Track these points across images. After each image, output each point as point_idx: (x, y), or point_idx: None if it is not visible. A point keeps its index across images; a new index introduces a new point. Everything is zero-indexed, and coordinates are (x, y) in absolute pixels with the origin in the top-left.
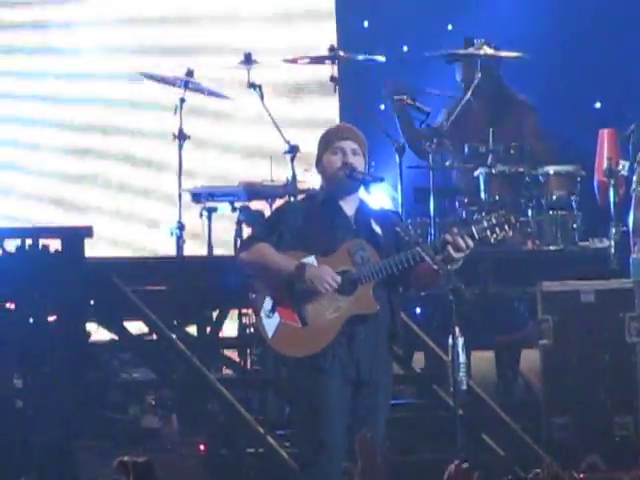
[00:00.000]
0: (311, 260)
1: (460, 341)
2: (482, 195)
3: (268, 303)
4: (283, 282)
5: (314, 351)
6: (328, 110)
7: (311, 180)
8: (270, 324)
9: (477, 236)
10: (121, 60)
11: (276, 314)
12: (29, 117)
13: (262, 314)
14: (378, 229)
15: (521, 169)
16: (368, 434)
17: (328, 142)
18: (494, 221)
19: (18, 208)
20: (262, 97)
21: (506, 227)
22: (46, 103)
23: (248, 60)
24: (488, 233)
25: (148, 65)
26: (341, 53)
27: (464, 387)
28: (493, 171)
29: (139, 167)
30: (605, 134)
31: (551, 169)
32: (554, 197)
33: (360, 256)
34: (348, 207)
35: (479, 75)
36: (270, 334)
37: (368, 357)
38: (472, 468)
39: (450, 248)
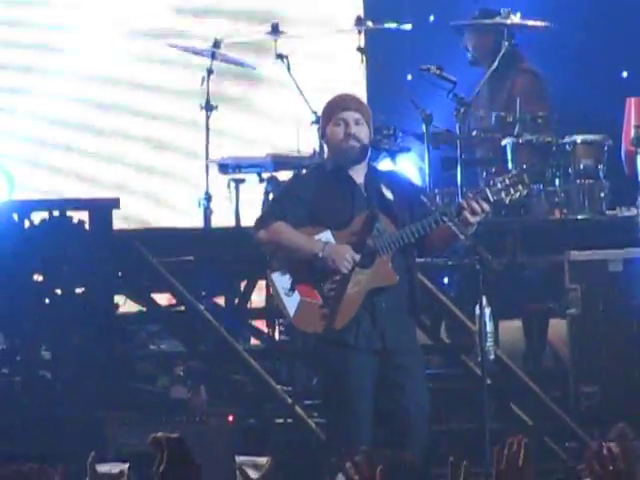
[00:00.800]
0: (327, 235)
1: (487, 311)
2: (509, 165)
3: (287, 281)
4: (302, 260)
5: (338, 326)
6: (355, 80)
7: None
8: (291, 302)
9: (492, 198)
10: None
11: (296, 292)
12: (55, 93)
13: (281, 292)
14: (389, 194)
15: (548, 138)
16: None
17: (331, 113)
18: (507, 182)
19: (46, 183)
20: (289, 68)
21: (520, 187)
22: (71, 79)
23: (275, 30)
24: (503, 195)
25: (175, 31)
26: (368, 23)
27: (492, 357)
28: (520, 140)
29: (165, 145)
30: (632, 103)
31: (578, 138)
32: (581, 166)
33: (376, 228)
34: (357, 175)
35: (506, 44)
36: (291, 312)
37: (392, 326)
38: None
39: (466, 212)
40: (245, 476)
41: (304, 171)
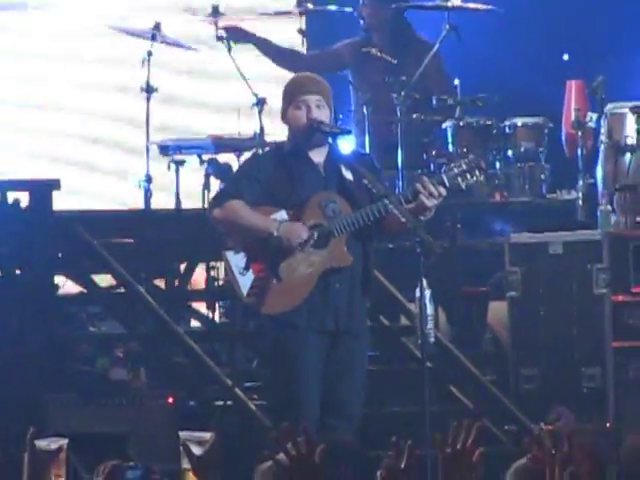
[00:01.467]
0: (282, 215)
1: (427, 293)
2: (450, 147)
3: (242, 260)
4: (257, 239)
5: (290, 307)
6: None
7: (278, 133)
8: (244, 281)
9: (448, 183)
10: (87, 14)
11: (250, 271)
12: None
13: (236, 271)
14: (349, 175)
15: (489, 121)
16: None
17: (292, 96)
18: (464, 167)
19: None
20: (230, 49)
21: (477, 172)
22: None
23: (215, 12)
24: (459, 180)
25: (114, 19)
26: (309, 5)
27: (432, 340)
28: (461, 123)
29: (107, 121)
30: (573, 86)
31: (519, 121)
32: (522, 149)
33: (331, 209)
34: (317, 156)
35: (447, 26)
36: (245, 291)
37: (344, 306)
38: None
39: (422, 197)
40: (189, 452)
41: (261, 151)
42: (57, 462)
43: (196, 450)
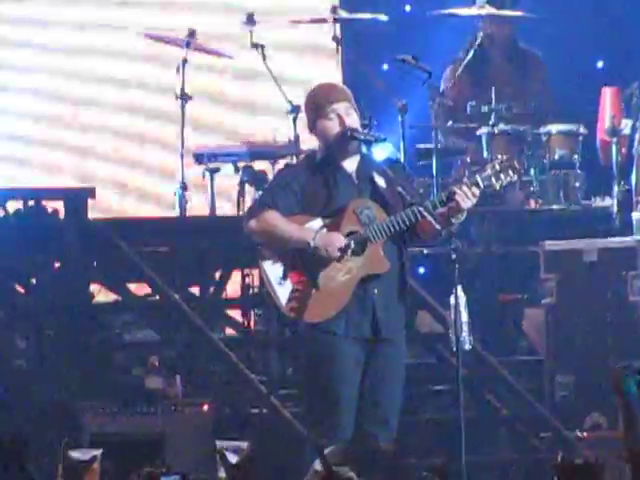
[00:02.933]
0: (318, 224)
1: (462, 300)
2: (485, 154)
3: (279, 270)
4: (294, 249)
5: (329, 315)
6: (330, 69)
7: (314, 140)
8: (282, 291)
9: (482, 184)
10: (123, 16)
11: (288, 280)
12: (26, 87)
13: (274, 281)
14: (382, 182)
15: (523, 128)
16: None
17: (320, 107)
18: (497, 167)
19: (20, 177)
20: (264, 57)
21: (510, 172)
22: (41, 72)
23: (250, 20)
24: (493, 180)
25: (150, 22)
26: (343, 13)
27: (467, 346)
28: (495, 130)
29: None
30: (607, 92)
31: (553, 128)
32: (556, 156)
33: (366, 215)
34: (349, 164)
35: (481, 34)
36: (283, 301)
37: (383, 313)
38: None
39: (457, 198)
40: (225, 460)
41: (294, 161)
42: (90, 472)
43: (232, 459)
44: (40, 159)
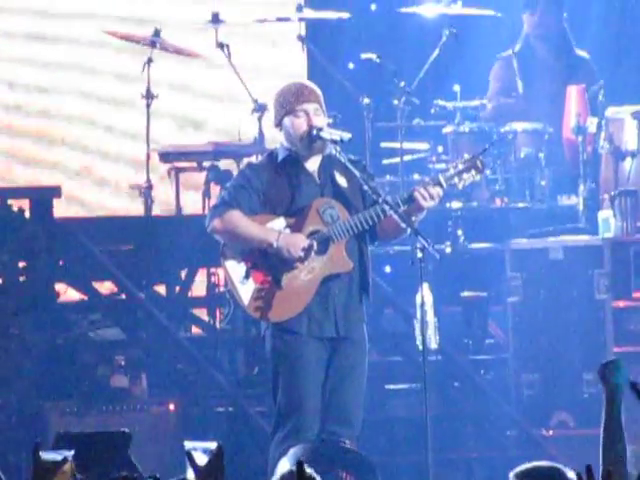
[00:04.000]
0: (280, 222)
1: (429, 299)
2: (450, 152)
3: (242, 269)
4: (256, 248)
5: (291, 314)
6: (297, 65)
7: (279, 139)
8: (245, 290)
9: (444, 184)
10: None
11: (250, 280)
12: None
13: (236, 280)
14: (343, 181)
15: (489, 127)
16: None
17: (289, 104)
18: (460, 167)
19: None
20: (229, 57)
21: (473, 172)
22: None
23: (216, 19)
24: (456, 180)
25: (119, 12)
26: (307, 11)
27: (434, 345)
28: (461, 129)
29: (107, 128)
30: (573, 91)
31: (519, 126)
32: (522, 154)
33: (329, 214)
34: (311, 164)
35: (446, 32)
36: (246, 301)
37: (344, 312)
38: None
39: (419, 198)
40: (193, 461)
41: (255, 160)
42: (62, 474)
43: (200, 460)
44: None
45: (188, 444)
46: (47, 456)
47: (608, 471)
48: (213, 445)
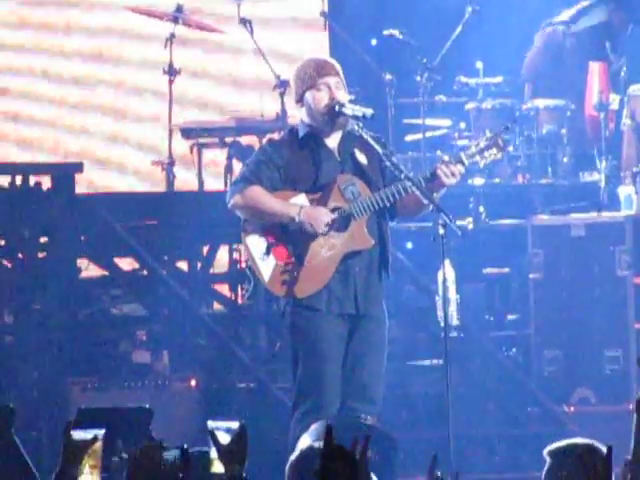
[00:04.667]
0: (301, 199)
1: (450, 275)
2: (472, 129)
3: (262, 245)
4: (277, 224)
5: (312, 291)
6: (318, 44)
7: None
8: (266, 266)
9: (466, 162)
10: None
11: (271, 256)
12: (17, 65)
13: (257, 257)
14: (363, 158)
15: (511, 103)
16: None
17: (310, 78)
18: (482, 145)
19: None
20: (252, 32)
21: (494, 149)
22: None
23: None
24: (477, 158)
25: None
26: None
27: (455, 321)
28: (483, 106)
29: (131, 98)
30: (595, 67)
31: (541, 103)
32: (544, 131)
33: (351, 191)
34: (331, 140)
35: (469, 9)
36: (267, 277)
37: (364, 290)
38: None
39: (441, 175)
40: (216, 440)
41: (276, 136)
42: (92, 452)
43: (223, 439)
44: (20, 135)
45: (211, 423)
46: (78, 435)
47: None
48: (236, 424)
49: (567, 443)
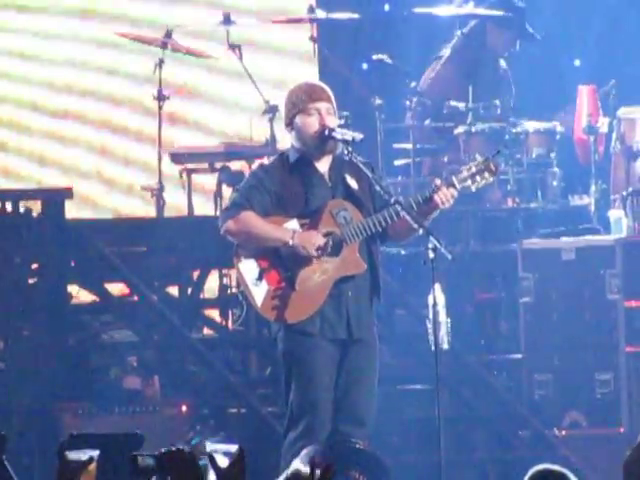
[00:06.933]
0: (293, 224)
1: (441, 299)
2: (462, 154)
3: (255, 270)
4: (270, 249)
5: (305, 316)
6: (307, 69)
7: (289, 140)
8: (258, 291)
9: (458, 186)
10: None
11: (264, 281)
12: (6, 73)
13: (249, 282)
14: (354, 183)
15: (500, 127)
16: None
17: (301, 103)
18: (474, 170)
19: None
20: (241, 58)
21: (486, 174)
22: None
23: (227, 20)
24: (469, 182)
25: (126, 27)
26: (320, 13)
27: (445, 346)
28: (473, 129)
29: (119, 130)
30: (584, 90)
31: (530, 126)
32: (534, 155)
33: (342, 216)
34: (321, 165)
35: (458, 33)
36: (259, 302)
37: (356, 314)
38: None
39: (438, 199)
40: (214, 464)
41: (266, 161)
42: (87, 474)
43: (222, 462)
44: (19, 147)
45: (210, 446)
46: (73, 455)
47: None
48: (234, 447)
49: (539, 469)
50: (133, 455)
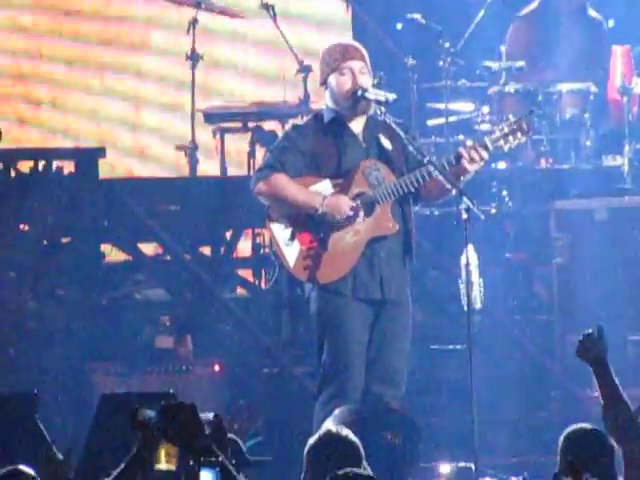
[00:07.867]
0: (326, 184)
1: (474, 260)
2: (495, 113)
3: (287, 231)
4: (302, 211)
5: (337, 277)
6: (341, 32)
7: (323, 99)
8: (290, 252)
9: (490, 146)
10: None
11: (296, 241)
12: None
13: (281, 242)
14: (388, 143)
15: (534, 87)
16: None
17: (335, 61)
18: (506, 130)
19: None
20: (275, 18)
21: (518, 134)
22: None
23: None
24: (501, 142)
25: None
26: None
27: (478, 306)
28: (506, 89)
29: (154, 84)
30: (618, 51)
31: (564, 87)
32: (567, 115)
33: (375, 177)
34: (355, 125)
35: None
36: (291, 262)
37: (389, 275)
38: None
39: (464, 161)
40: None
41: (299, 121)
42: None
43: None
44: (47, 121)
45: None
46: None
47: None
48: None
49: (575, 428)
50: (134, 409)
